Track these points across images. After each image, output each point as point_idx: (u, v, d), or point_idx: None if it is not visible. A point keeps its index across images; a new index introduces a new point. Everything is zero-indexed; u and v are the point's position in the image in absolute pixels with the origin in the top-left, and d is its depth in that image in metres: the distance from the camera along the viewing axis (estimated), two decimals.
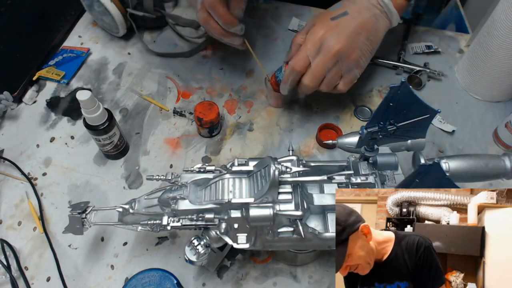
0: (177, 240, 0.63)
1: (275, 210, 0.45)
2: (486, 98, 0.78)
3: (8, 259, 0.59)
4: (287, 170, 0.46)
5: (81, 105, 0.60)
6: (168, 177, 0.51)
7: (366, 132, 0.46)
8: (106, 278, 0.60)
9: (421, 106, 0.43)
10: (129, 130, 0.75)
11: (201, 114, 0.69)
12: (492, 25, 0.69)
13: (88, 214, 0.53)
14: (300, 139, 0.74)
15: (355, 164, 0.52)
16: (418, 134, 0.46)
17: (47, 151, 0.72)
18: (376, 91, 0.80)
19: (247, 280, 0.60)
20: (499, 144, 0.72)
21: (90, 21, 0.91)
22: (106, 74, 0.83)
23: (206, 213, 0.48)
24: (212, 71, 0.83)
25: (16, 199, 0.67)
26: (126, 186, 0.69)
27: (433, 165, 0.37)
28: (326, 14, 0.65)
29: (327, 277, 0.60)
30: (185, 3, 0.94)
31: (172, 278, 0.53)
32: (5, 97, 0.73)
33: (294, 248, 0.55)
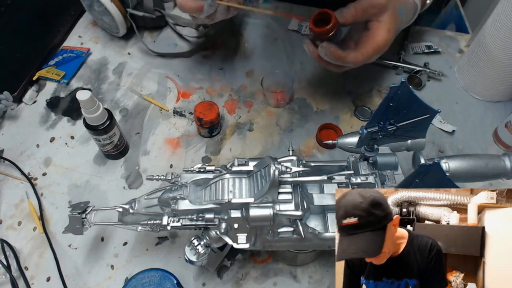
0: (177, 240, 0.63)
1: (275, 210, 0.45)
2: (486, 98, 0.78)
3: (8, 259, 0.59)
4: (287, 170, 0.46)
5: (81, 105, 0.60)
6: (168, 177, 0.51)
7: (366, 132, 0.46)
8: (106, 278, 0.60)
9: (421, 106, 0.43)
10: (129, 130, 0.75)
11: (201, 114, 0.69)
12: (492, 25, 0.69)
13: (88, 214, 0.53)
14: (300, 139, 0.74)
15: (355, 164, 0.52)
16: (418, 134, 0.46)
17: (47, 151, 0.72)
18: (376, 91, 0.80)
19: (247, 280, 0.60)
20: (499, 144, 0.72)
21: (90, 21, 0.91)
22: (106, 74, 0.83)
23: (206, 213, 0.48)
24: (212, 71, 0.83)
25: (16, 199, 0.67)
26: (126, 186, 0.69)
27: (433, 165, 0.37)
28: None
29: (327, 277, 0.60)
30: None
31: (172, 278, 0.53)
32: (5, 97, 0.73)
33: (294, 248, 0.55)
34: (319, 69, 0.82)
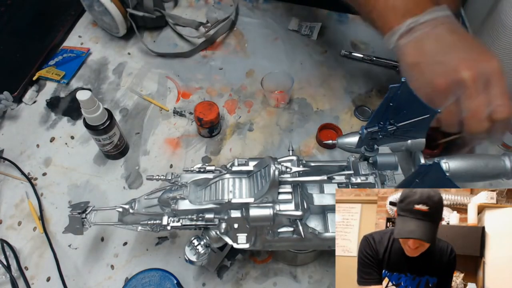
0: (177, 240, 0.63)
1: (275, 210, 0.45)
2: None
3: (8, 259, 0.59)
4: (287, 170, 0.46)
5: (81, 105, 0.60)
6: (168, 177, 0.51)
7: (366, 132, 0.46)
8: (106, 278, 0.60)
9: (421, 106, 0.43)
10: (129, 130, 0.75)
11: (201, 114, 0.69)
12: (492, 26, 0.68)
13: (88, 214, 0.53)
14: (300, 139, 0.74)
15: (355, 164, 0.52)
16: (418, 134, 0.46)
17: (47, 151, 0.72)
18: (376, 91, 0.80)
19: (247, 280, 0.60)
20: (499, 144, 0.72)
21: (90, 21, 0.91)
22: (106, 74, 0.83)
23: (206, 213, 0.48)
24: (212, 71, 0.83)
25: (16, 199, 0.67)
26: (126, 186, 0.69)
27: (433, 165, 0.37)
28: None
29: (327, 277, 0.60)
30: (185, 3, 0.94)
31: (172, 278, 0.53)
32: (5, 97, 0.73)
33: (294, 248, 0.55)
34: (319, 69, 0.83)
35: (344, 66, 0.83)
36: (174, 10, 0.93)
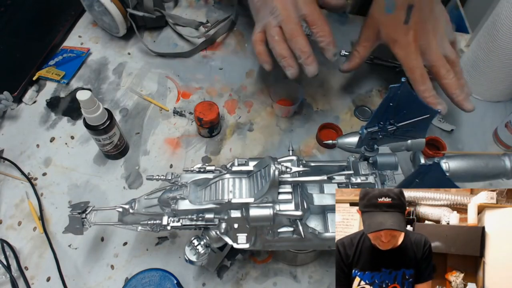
0: (177, 240, 0.63)
1: (275, 210, 0.46)
2: (486, 98, 0.78)
3: (8, 259, 0.59)
4: (287, 170, 0.46)
5: (81, 105, 0.60)
6: (168, 177, 0.51)
7: (366, 132, 0.46)
8: (106, 278, 0.60)
9: (421, 106, 0.43)
10: (129, 130, 0.75)
11: (201, 114, 0.69)
12: (492, 25, 0.69)
13: (88, 214, 0.53)
14: (300, 139, 0.74)
15: (355, 164, 0.52)
16: (418, 134, 0.46)
17: (47, 151, 0.72)
18: (376, 91, 0.80)
19: (247, 280, 0.60)
20: (499, 144, 0.72)
21: (90, 21, 0.91)
22: (106, 74, 0.83)
23: (206, 213, 0.48)
24: (212, 71, 0.83)
25: (16, 199, 0.67)
26: (126, 186, 0.69)
27: (433, 165, 0.37)
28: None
29: (327, 277, 0.60)
30: (185, 3, 0.94)
31: (172, 278, 0.53)
32: (5, 97, 0.73)
33: (294, 248, 0.55)
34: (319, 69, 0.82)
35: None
36: (174, 10, 0.93)
